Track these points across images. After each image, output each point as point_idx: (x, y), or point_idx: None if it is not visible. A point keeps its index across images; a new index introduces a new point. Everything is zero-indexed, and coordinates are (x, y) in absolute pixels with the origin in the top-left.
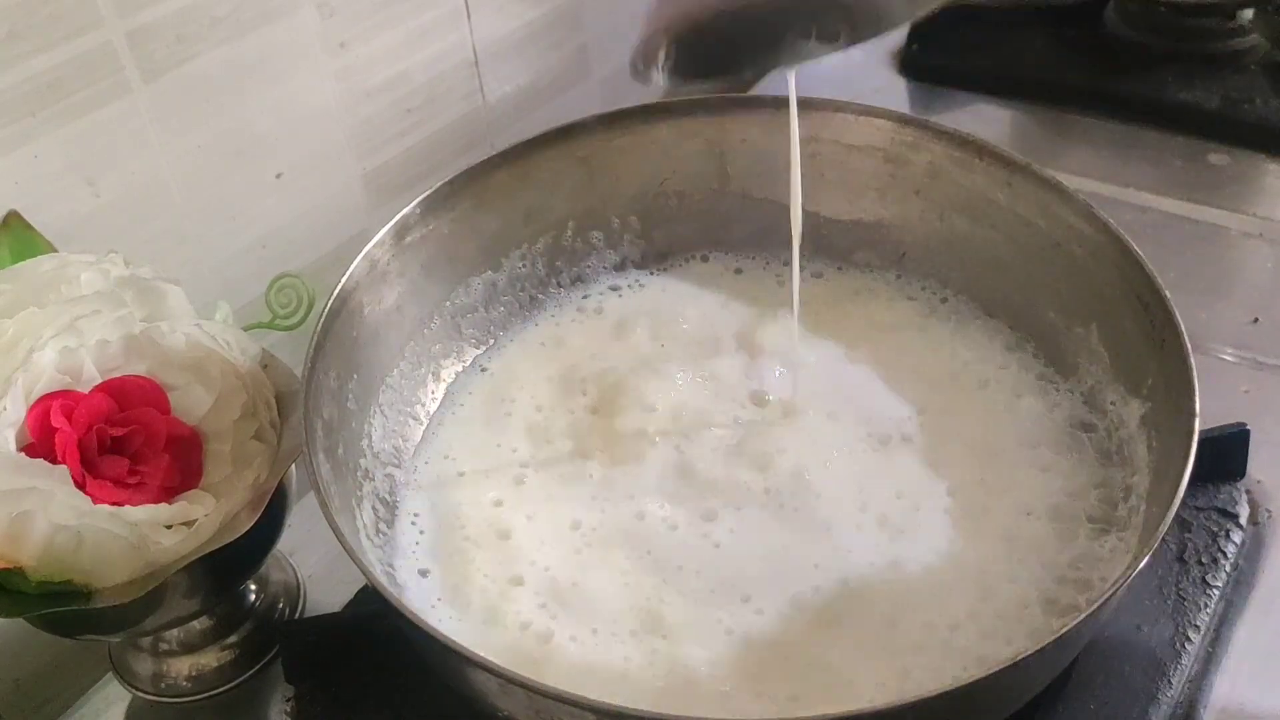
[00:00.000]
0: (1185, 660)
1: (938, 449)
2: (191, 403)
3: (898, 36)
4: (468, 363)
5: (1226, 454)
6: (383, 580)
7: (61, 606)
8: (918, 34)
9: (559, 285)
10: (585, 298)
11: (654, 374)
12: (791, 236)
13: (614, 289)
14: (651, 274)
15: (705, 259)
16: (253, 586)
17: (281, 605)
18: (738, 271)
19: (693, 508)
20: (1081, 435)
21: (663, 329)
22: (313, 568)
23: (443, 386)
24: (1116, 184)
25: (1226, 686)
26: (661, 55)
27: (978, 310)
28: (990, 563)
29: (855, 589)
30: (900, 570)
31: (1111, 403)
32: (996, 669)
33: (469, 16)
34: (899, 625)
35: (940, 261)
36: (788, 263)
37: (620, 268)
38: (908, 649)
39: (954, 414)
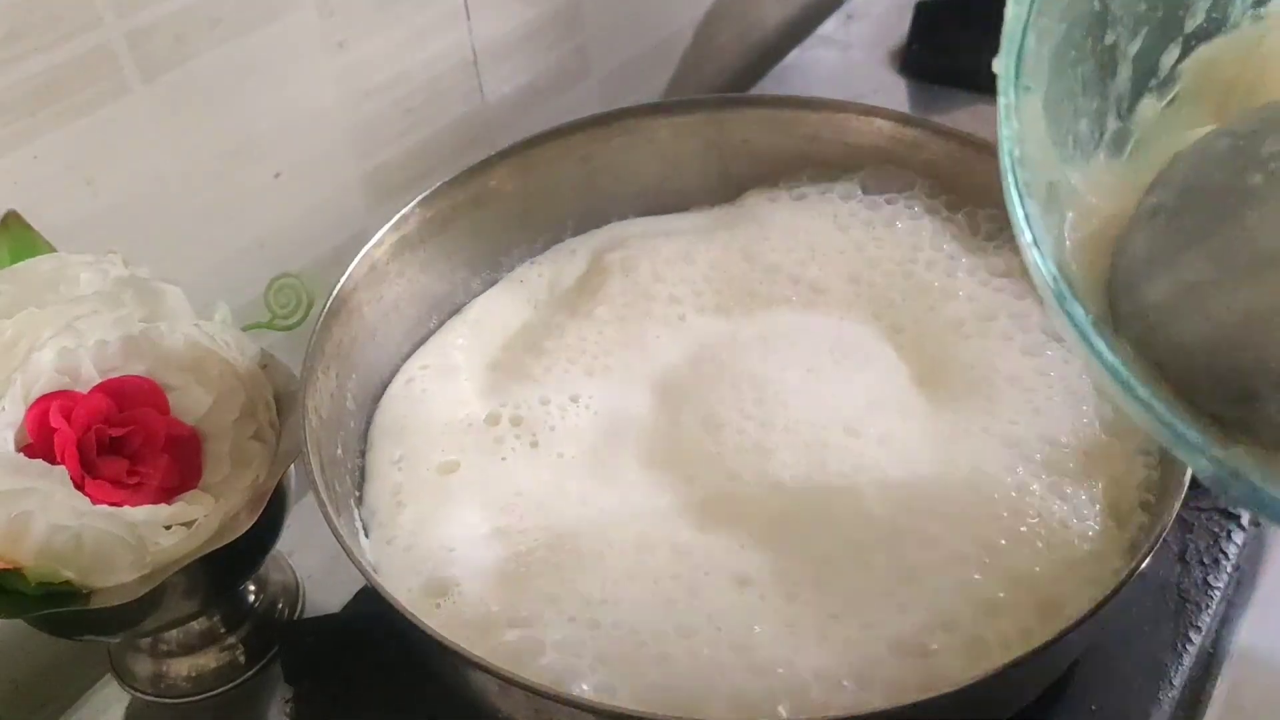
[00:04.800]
0: (1186, 661)
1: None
2: (190, 403)
3: (898, 36)
4: None
5: None
6: (381, 581)
7: (60, 607)
8: (918, 34)
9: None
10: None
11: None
12: None
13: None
14: None
15: None
16: (251, 587)
17: (280, 606)
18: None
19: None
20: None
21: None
22: (311, 568)
23: None
24: None
25: (1227, 688)
26: None
27: None
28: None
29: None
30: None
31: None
32: (996, 669)
33: (468, 16)
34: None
35: None
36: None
37: None
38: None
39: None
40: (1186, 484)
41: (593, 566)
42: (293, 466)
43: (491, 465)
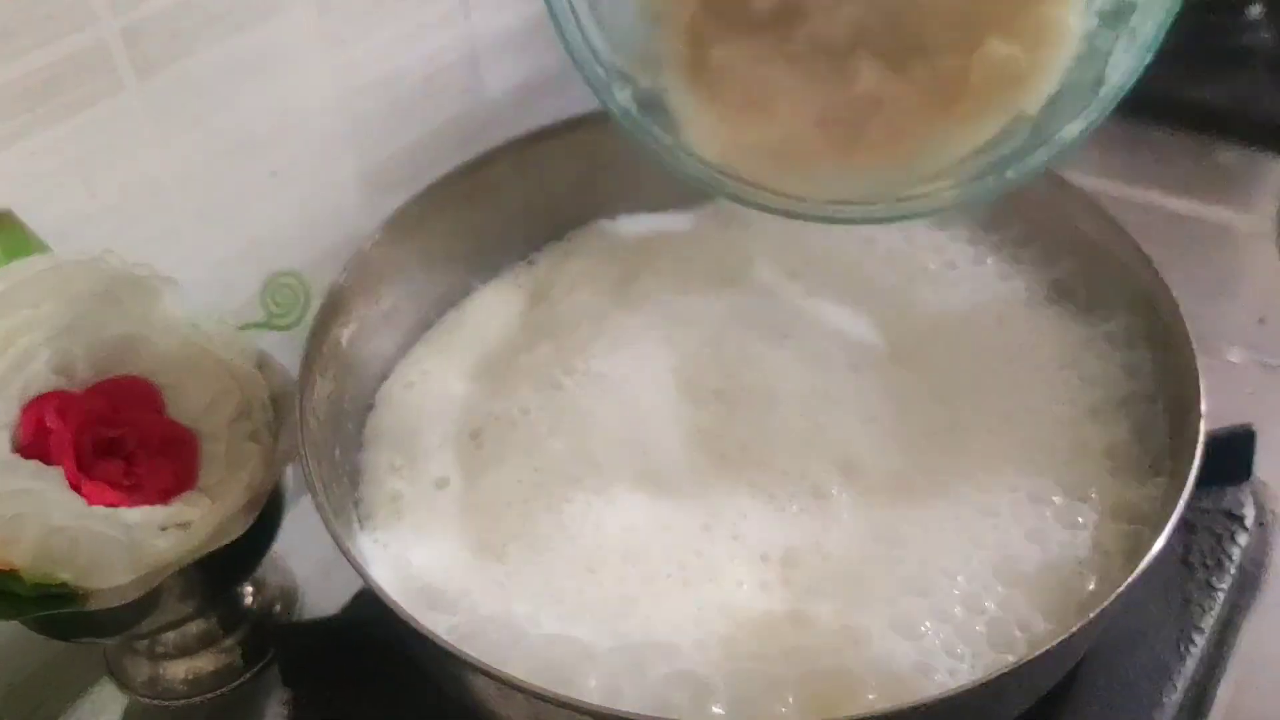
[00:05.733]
0: (1190, 664)
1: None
2: (186, 403)
3: None
4: None
5: (1232, 455)
6: (380, 583)
7: (56, 609)
8: None
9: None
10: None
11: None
12: None
13: None
14: None
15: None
16: (249, 589)
17: (278, 608)
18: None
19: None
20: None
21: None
22: (309, 570)
23: None
24: (1123, 182)
25: (1231, 690)
26: None
27: None
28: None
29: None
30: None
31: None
32: (999, 673)
33: (468, 13)
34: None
35: None
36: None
37: None
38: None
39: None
40: (1190, 485)
41: (591, 571)
42: (289, 468)
43: (489, 465)
